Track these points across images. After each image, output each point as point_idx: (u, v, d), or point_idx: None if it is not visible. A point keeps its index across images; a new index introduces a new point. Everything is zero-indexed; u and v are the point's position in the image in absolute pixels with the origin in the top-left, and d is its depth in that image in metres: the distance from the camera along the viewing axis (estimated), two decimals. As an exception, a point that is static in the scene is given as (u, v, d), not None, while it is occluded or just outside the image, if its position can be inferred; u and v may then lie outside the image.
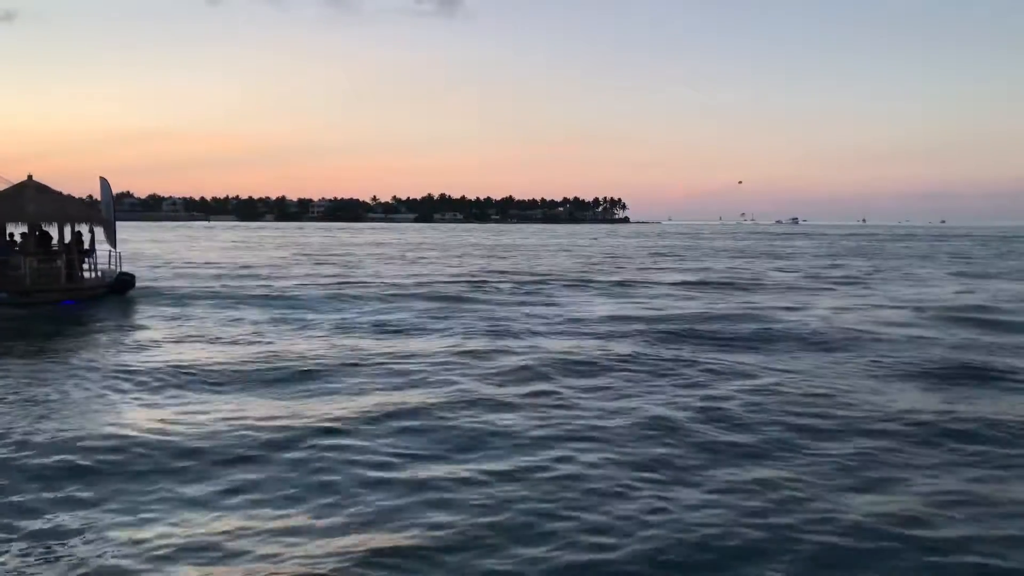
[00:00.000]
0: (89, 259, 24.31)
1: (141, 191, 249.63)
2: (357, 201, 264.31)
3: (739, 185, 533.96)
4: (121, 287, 23.98)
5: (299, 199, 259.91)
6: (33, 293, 21.33)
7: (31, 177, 22.52)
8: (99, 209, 25.69)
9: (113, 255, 24.88)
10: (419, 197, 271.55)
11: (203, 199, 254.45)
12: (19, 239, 22.83)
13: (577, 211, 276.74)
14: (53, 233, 23.04)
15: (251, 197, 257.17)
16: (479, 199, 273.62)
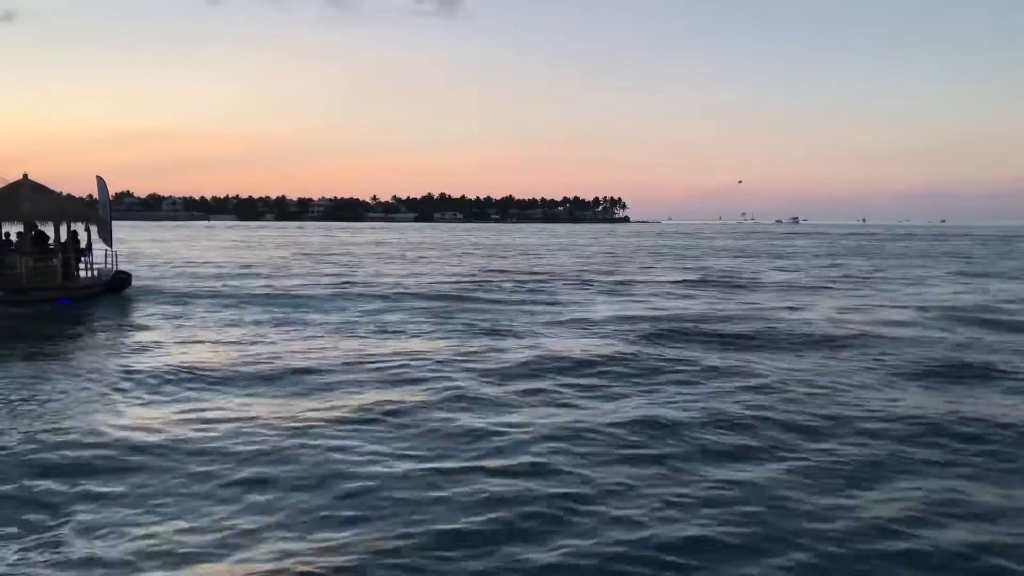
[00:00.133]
0: (86, 258, 24.28)
1: (141, 191, 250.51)
2: (357, 201, 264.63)
3: (739, 185, 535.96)
4: (117, 285, 23.98)
5: (299, 199, 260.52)
6: (29, 292, 21.34)
7: (27, 176, 22.51)
8: (97, 208, 25.66)
9: (109, 254, 24.86)
10: (419, 197, 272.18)
11: (203, 199, 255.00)
12: (15, 238, 22.83)
13: (577, 211, 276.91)
14: (49, 232, 23.03)
15: (251, 197, 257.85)
16: (479, 199, 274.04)
